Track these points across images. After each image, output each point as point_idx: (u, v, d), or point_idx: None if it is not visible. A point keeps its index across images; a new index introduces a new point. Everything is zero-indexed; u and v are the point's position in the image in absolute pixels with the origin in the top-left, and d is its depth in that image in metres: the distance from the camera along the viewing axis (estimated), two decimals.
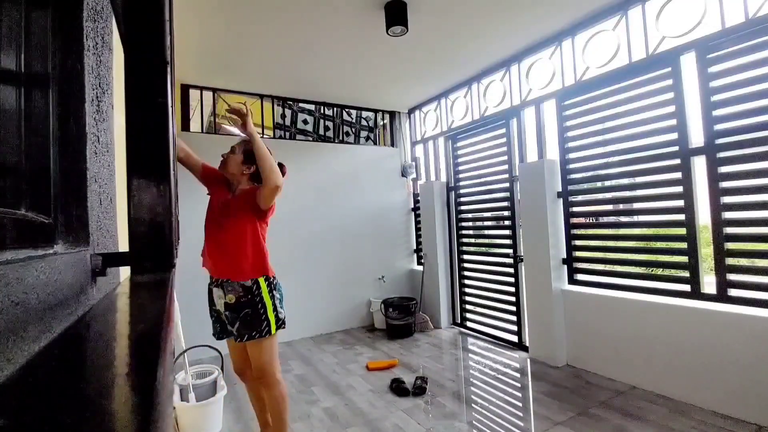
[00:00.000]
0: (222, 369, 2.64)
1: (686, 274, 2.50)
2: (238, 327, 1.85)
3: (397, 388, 2.78)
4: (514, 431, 2.26)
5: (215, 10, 2.63)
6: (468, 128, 4.16)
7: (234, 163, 1.91)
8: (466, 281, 4.30)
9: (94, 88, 0.71)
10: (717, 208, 2.33)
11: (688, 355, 2.40)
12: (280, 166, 1.94)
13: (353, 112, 5.00)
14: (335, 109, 4.79)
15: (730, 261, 2.29)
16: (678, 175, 2.51)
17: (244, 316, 1.83)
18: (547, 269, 3.16)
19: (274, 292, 1.89)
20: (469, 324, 4.24)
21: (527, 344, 3.43)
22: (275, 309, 1.87)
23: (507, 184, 3.68)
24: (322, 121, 4.77)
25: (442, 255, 4.39)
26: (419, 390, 2.74)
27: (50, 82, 0.53)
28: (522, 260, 3.50)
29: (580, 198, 3.15)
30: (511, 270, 3.66)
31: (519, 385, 2.88)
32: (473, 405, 2.58)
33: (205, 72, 3.68)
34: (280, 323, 1.91)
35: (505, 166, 3.69)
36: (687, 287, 2.49)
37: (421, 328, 4.28)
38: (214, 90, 4.07)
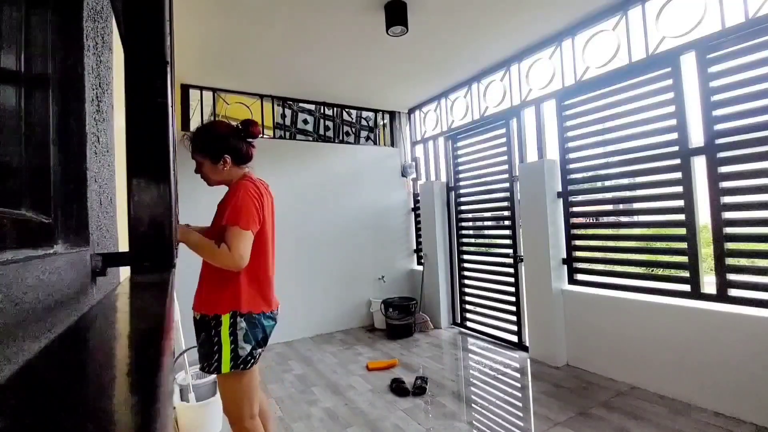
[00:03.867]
0: None
1: (686, 274, 2.50)
2: (198, 350, 1.54)
3: (397, 388, 2.78)
4: (514, 431, 2.26)
5: (215, 10, 2.63)
6: (468, 128, 4.16)
7: (210, 171, 1.58)
8: (466, 281, 4.29)
9: (94, 88, 0.71)
10: (717, 208, 2.33)
11: (688, 355, 2.40)
12: (252, 123, 1.62)
13: (353, 112, 5.00)
14: (335, 109, 4.79)
15: (730, 261, 2.29)
16: (678, 175, 2.50)
17: (201, 340, 1.52)
18: (547, 269, 3.16)
19: (240, 322, 1.48)
20: (469, 324, 4.24)
21: (527, 344, 3.43)
22: (234, 343, 1.47)
23: (507, 184, 3.68)
24: (322, 121, 4.77)
25: (442, 255, 4.38)
26: (419, 390, 2.74)
27: (50, 82, 0.53)
28: (522, 260, 3.50)
29: (580, 198, 3.15)
30: (511, 270, 3.66)
31: (519, 385, 2.87)
32: (473, 405, 2.58)
33: (205, 72, 3.68)
34: (240, 362, 1.47)
35: (505, 166, 3.69)
36: (687, 287, 2.49)
37: (421, 328, 4.28)
38: (214, 90, 4.07)
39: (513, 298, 3.64)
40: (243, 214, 1.46)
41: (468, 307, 4.28)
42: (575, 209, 3.19)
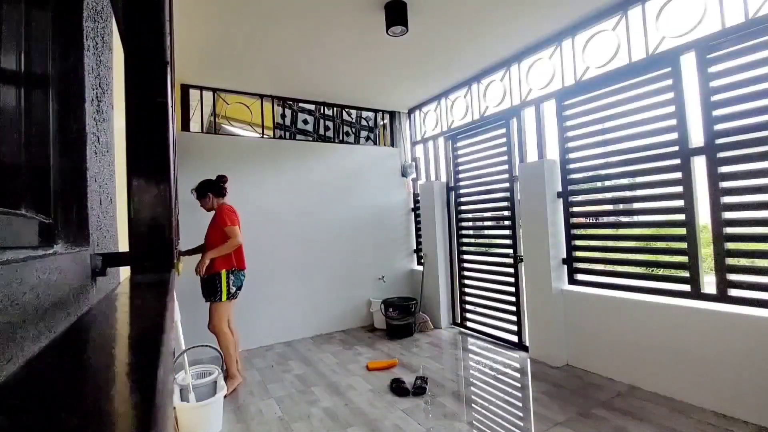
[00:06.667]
0: (222, 369, 2.64)
1: (686, 274, 2.50)
2: (206, 292, 2.94)
3: (397, 388, 2.78)
4: (514, 431, 2.26)
5: (215, 11, 2.63)
6: (468, 128, 4.16)
7: (203, 202, 3.04)
8: (466, 281, 4.29)
9: (94, 88, 0.71)
10: (717, 208, 2.33)
11: (688, 355, 2.40)
12: (221, 176, 3.09)
13: (353, 112, 5.00)
14: (335, 109, 4.79)
15: (730, 261, 2.29)
16: (678, 175, 2.50)
17: (209, 287, 2.90)
18: (547, 269, 3.15)
19: (231, 276, 2.91)
20: (469, 324, 4.24)
21: (527, 344, 3.43)
22: (227, 285, 2.88)
23: (507, 184, 3.68)
24: (322, 121, 4.77)
25: (442, 255, 4.38)
26: (419, 390, 2.74)
27: (50, 82, 0.53)
28: (522, 260, 3.50)
29: (580, 198, 3.15)
30: (511, 270, 3.66)
31: (519, 385, 2.87)
32: (473, 405, 2.58)
33: (205, 72, 3.68)
34: (230, 296, 2.89)
35: (505, 166, 3.69)
36: (687, 287, 2.49)
37: (421, 328, 4.28)
38: (214, 90, 4.07)
39: (513, 298, 3.63)
40: (229, 220, 2.91)
41: (468, 307, 4.28)
42: (575, 209, 3.19)
